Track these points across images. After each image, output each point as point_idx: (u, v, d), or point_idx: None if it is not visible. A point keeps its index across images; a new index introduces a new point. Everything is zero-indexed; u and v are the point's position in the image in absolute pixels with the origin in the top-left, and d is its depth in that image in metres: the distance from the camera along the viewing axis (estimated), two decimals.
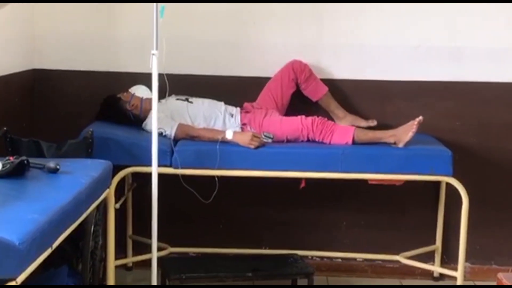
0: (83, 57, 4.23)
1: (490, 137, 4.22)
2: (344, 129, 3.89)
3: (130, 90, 4.03)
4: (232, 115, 3.99)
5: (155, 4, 3.30)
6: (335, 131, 3.85)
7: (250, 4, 4.16)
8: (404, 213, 4.29)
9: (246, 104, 4.11)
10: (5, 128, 3.46)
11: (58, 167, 2.98)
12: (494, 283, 2.94)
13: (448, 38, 4.16)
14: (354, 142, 3.82)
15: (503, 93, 4.19)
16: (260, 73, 4.19)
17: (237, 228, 4.30)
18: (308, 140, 3.88)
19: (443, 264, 4.21)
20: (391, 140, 3.83)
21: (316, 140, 3.86)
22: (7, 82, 3.83)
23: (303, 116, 3.92)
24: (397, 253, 4.18)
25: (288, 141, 3.89)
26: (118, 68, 4.20)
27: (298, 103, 4.13)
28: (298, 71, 4.08)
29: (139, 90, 4.02)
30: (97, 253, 3.51)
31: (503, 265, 4.20)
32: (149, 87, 3.54)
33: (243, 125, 3.93)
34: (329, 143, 3.85)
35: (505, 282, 2.72)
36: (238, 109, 4.04)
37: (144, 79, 3.73)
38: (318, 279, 3.89)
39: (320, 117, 3.93)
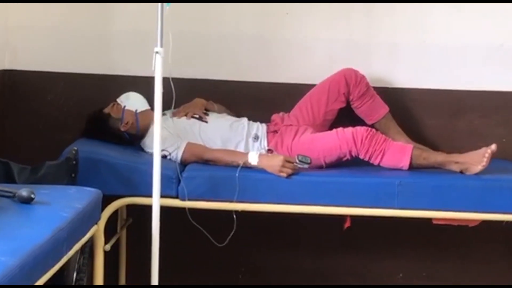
0: (66, 57, 4.28)
1: None
2: (400, 147, 3.86)
3: (118, 101, 4.03)
4: (256, 138, 4.00)
5: None
6: (389, 149, 3.81)
7: None
8: (478, 262, 4.29)
9: (274, 116, 4.11)
10: None
11: (32, 196, 2.99)
12: None
13: None
14: (411, 166, 3.81)
15: None
16: (295, 79, 4.24)
17: (261, 279, 4.31)
18: (353, 157, 3.85)
19: None
20: (457, 169, 3.79)
21: (362, 158, 3.83)
22: None
23: (340, 128, 3.90)
24: None
25: (327, 165, 3.88)
26: (111, 71, 4.24)
27: (346, 123, 4.05)
28: (352, 84, 4.07)
29: (130, 101, 4.02)
30: None
31: None
32: (151, 93, 3.53)
33: (269, 150, 3.93)
34: (378, 165, 3.83)
35: None
36: (265, 127, 4.05)
37: (144, 84, 3.74)
38: None
39: (365, 127, 3.88)
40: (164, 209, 3.49)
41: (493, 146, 3.71)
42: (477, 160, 3.73)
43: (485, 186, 3.74)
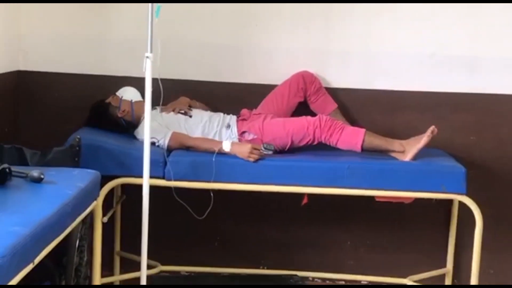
0: (71, 59, 4.24)
1: (507, 153, 4.23)
2: (355, 130, 3.87)
3: (117, 93, 4.04)
4: (228, 126, 3.99)
5: (150, 3, 3.31)
6: (345, 131, 3.82)
7: (254, 4, 4.17)
8: (413, 233, 4.30)
9: (243, 111, 4.10)
10: None
11: (42, 176, 2.99)
12: None
13: (466, 46, 4.19)
14: (363, 145, 3.82)
15: None
16: (263, 80, 4.21)
17: (233, 246, 4.30)
18: (314, 141, 3.85)
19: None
20: (400, 149, 3.81)
21: (323, 139, 3.83)
22: None
23: (304, 117, 3.93)
24: (405, 276, 4.19)
25: (293, 142, 3.87)
26: (108, 72, 4.20)
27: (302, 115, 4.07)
28: (308, 82, 4.09)
29: (127, 93, 4.03)
30: (81, 270, 3.51)
31: None
32: (142, 91, 3.54)
33: (243, 133, 3.93)
34: (336, 144, 3.82)
35: None
36: (234, 117, 4.04)
37: (136, 83, 3.74)
38: None
39: (323, 115, 3.91)
40: (152, 188, 3.49)
41: (433, 127, 3.73)
42: (416, 142, 3.77)
43: (419, 170, 3.76)
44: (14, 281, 2.32)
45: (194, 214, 3.88)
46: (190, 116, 4.02)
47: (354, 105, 4.23)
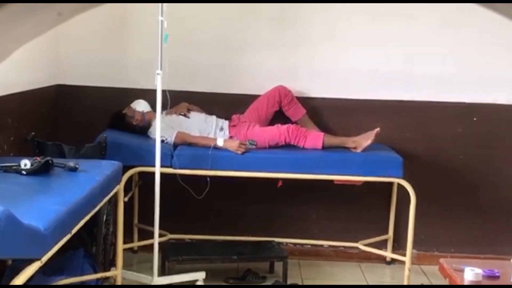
0: (99, 75, 4.23)
1: (434, 146, 4.26)
2: (316, 134, 3.90)
3: (131, 105, 4.01)
4: (221, 129, 4.00)
5: (160, 29, 3.32)
6: (308, 136, 3.86)
7: (240, 31, 4.18)
8: (363, 208, 4.30)
9: (234, 116, 4.09)
10: (33, 133, 3.48)
11: (77, 166, 3.00)
12: (436, 267, 2.97)
13: (402, 64, 4.19)
14: (323, 146, 3.85)
15: (444, 110, 4.23)
16: (246, 91, 4.20)
17: (225, 219, 4.30)
18: (286, 144, 3.88)
19: (394, 250, 4.22)
20: (353, 145, 3.84)
21: (292, 143, 3.86)
22: (36, 95, 3.85)
23: (279, 124, 3.94)
24: (357, 241, 4.21)
25: (270, 146, 3.89)
26: (128, 85, 4.20)
27: (279, 120, 4.10)
28: (282, 95, 4.07)
29: (139, 105, 4.00)
30: (108, 238, 3.53)
31: (443, 252, 4.22)
32: (152, 102, 3.55)
33: (231, 137, 3.94)
34: (303, 147, 3.85)
35: (446, 266, 2.75)
36: (227, 122, 4.04)
37: (149, 94, 3.75)
38: (291, 262, 3.91)
39: (293, 124, 3.94)
40: (162, 174, 3.51)
41: (378, 129, 3.78)
42: (367, 137, 3.80)
43: (366, 160, 3.80)
44: (56, 247, 2.34)
45: (194, 194, 3.90)
46: (189, 118, 4.02)
47: (318, 110, 4.22)
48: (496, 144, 4.25)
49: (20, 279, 2.12)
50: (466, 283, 2.49)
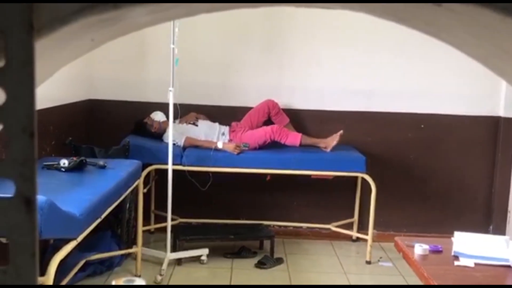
0: (123, 91, 4.21)
1: (390, 148, 4.26)
2: (295, 134, 3.90)
3: (151, 115, 3.97)
4: (223, 134, 3.98)
5: (172, 55, 3.31)
6: (289, 135, 3.86)
7: (235, 56, 4.16)
8: (334, 197, 4.29)
9: (233, 124, 4.07)
10: (70, 138, 3.47)
11: (106, 164, 3.00)
12: (392, 244, 2.96)
13: (364, 82, 4.19)
14: (301, 143, 3.84)
15: (398, 119, 4.23)
16: (241, 104, 4.18)
17: (224, 206, 4.29)
18: (271, 140, 3.84)
19: (359, 230, 4.22)
20: (323, 145, 3.85)
21: (276, 139, 3.84)
22: (72, 108, 3.84)
23: (265, 126, 3.94)
24: (329, 223, 4.21)
25: (259, 145, 3.86)
26: (146, 99, 4.17)
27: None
28: (271, 108, 4.05)
29: (157, 116, 3.96)
30: (130, 222, 3.52)
31: (398, 232, 4.21)
32: (167, 113, 3.54)
33: (230, 140, 3.92)
34: (284, 143, 3.84)
35: (399, 243, 2.74)
36: (227, 128, 4.02)
37: (163, 107, 3.73)
38: (277, 241, 3.89)
39: (277, 125, 3.93)
40: (174, 171, 3.50)
41: (341, 131, 3.81)
42: (333, 139, 3.81)
43: (336, 158, 3.80)
44: (89, 229, 2.33)
45: (199, 187, 3.90)
46: (197, 126, 4.00)
47: (298, 119, 4.21)
48: (439, 146, 4.26)
49: (60, 255, 2.10)
50: (415, 257, 2.50)
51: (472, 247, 2.45)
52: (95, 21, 0.47)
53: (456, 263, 2.34)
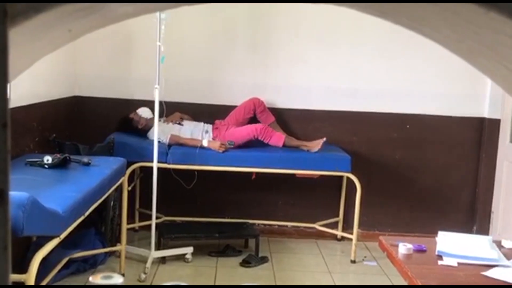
0: (109, 88, 4.18)
1: (375, 147, 4.27)
2: (279, 135, 3.89)
3: (137, 111, 3.95)
4: (207, 132, 3.96)
5: (157, 52, 3.29)
6: (273, 136, 3.85)
7: (221, 53, 4.14)
8: (319, 196, 4.29)
9: (216, 121, 4.06)
10: (54, 135, 3.44)
11: (90, 161, 2.97)
12: (377, 243, 2.96)
13: (348, 81, 4.19)
14: (284, 144, 3.83)
15: (383, 119, 4.25)
16: (226, 102, 4.17)
17: (209, 204, 4.28)
18: (255, 139, 3.83)
19: (344, 229, 4.23)
20: (305, 149, 3.85)
21: (260, 139, 3.83)
22: (56, 104, 3.79)
23: (250, 125, 3.92)
24: (314, 222, 4.22)
25: (243, 142, 3.84)
26: (132, 97, 4.15)
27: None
28: (257, 105, 4.04)
29: (144, 113, 3.94)
30: (115, 220, 3.49)
31: (382, 231, 4.25)
32: (152, 110, 3.52)
33: (214, 138, 3.91)
34: (268, 143, 3.84)
35: (384, 242, 2.74)
36: (211, 126, 4.00)
37: (148, 104, 3.71)
38: (262, 240, 3.90)
39: (262, 124, 3.91)
40: (159, 168, 3.48)
41: (324, 138, 3.81)
42: (316, 144, 3.81)
43: (322, 157, 3.79)
44: (72, 227, 2.31)
45: (184, 185, 3.88)
46: (182, 125, 3.98)
47: (283, 118, 4.21)
48: (424, 146, 4.29)
49: (42, 252, 2.08)
50: (399, 256, 2.50)
51: (455, 246, 2.46)
52: (71, 10, 0.46)
53: (440, 262, 2.35)
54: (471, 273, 2.26)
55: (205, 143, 3.75)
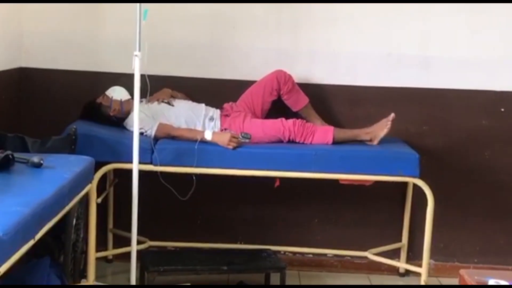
0: (68, 57, 4.21)
1: (455, 141, 4.26)
2: (325, 129, 3.91)
3: (106, 93, 3.97)
4: (212, 119, 3.96)
5: (138, 5, 3.30)
6: (316, 132, 3.87)
7: (231, 7, 4.15)
8: (373, 211, 4.32)
9: (225, 105, 4.08)
10: None
11: (41, 161, 2.97)
12: (457, 279, 2.97)
13: (418, 47, 4.19)
14: (334, 141, 3.85)
15: (467, 100, 4.23)
16: (240, 76, 4.19)
17: (214, 224, 4.30)
18: (290, 141, 3.88)
19: (409, 260, 4.24)
20: (367, 138, 3.88)
21: (297, 141, 3.86)
22: None
23: (283, 118, 3.93)
24: (366, 250, 4.22)
25: (270, 142, 3.88)
26: (102, 68, 4.17)
27: (277, 109, 4.09)
28: (282, 82, 4.04)
29: (116, 93, 3.96)
30: (78, 246, 3.50)
31: (464, 263, 4.24)
32: (131, 87, 3.52)
33: (224, 129, 3.90)
34: (311, 143, 3.86)
35: (467, 278, 2.76)
36: (218, 111, 4.02)
37: (126, 79, 3.71)
38: (290, 274, 3.91)
39: (300, 119, 3.94)
40: (141, 172, 3.49)
41: (393, 114, 3.82)
42: (382, 126, 3.84)
43: (378, 156, 3.80)
44: (17, 255, 2.31)
45: (178, 195, 3.89)
46: (173, 106, 3.99)
47: (321, 99, 4.21)
48: None
49: None
50: None
51: None
52: None
53: None
54: None
55: (208, 136, 3.76)
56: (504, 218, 4.30)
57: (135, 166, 3.45)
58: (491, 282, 2.56)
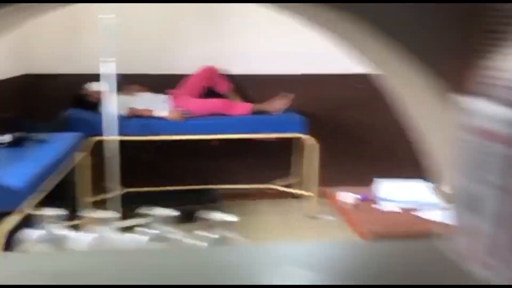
0: (57, 64, 4.13)
1: (330, 108, 4.31)
2: (243, 105, 4.01)
3: (86, 86, 3.91)
4: (165, 102, 3.99)
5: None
6: (237, 107, 3.97)
7: (175, 20, 4.13)
8: (283, 158, 4.37)
9: (173, 91, 4.07)
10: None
11: (45, 138, 3.04)
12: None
13: (300, 44, 4.08)
14: (252, 111, 3.94)
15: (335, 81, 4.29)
16: (180, 71, 4.17)
17: (170, 174, 4.27)
18: (220, 114, 3.91)
19: (302, 188, 4.24)
20: (272, 110, 3.98)
21: (226, 113, 3.93)
22: (7, 84, 3.74)
23: (214, 99, 3.98)
24: (274, 183, 4.33)
25: (205, 115, 3.91)
26: (84, 71, 4.03)
27: (210, 93, 4.12)
28: (211, 74, 4.11)
29: (93, 86, 3.87)
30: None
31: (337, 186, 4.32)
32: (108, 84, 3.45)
33: (176, 107, 3.91)
34: (233, 114, 3.93)
35: (338, 194, 2.88)
36: (167, 96, 4.03)
37: (103, 78, 3.63)
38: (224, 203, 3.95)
39: (224, 100, 4.00)
40: (120, 141, 3.46)
41: (292, 95, 3.96)
42: (280, 103, 3.98)
43: (280, 121, 3.92)
44: (34, 200, 2.37)
45: (144, 156, 3.94)
46: (138, 97, 4.00)
47: (238, 85, 4.23)
48: (375, 105, 4.35)
49: (7, 226, 2.16)
50: (346, 205, 2.70)
51: (397, 193, 2.70)
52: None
53: (381, 208, 2.57)
54: (410, 216, 2.49)
55: (163, 113, 3.82)
56: (360, 157, 4.43)
57: (114, 138, 3.41)
58: (348, 195, 2.76)
